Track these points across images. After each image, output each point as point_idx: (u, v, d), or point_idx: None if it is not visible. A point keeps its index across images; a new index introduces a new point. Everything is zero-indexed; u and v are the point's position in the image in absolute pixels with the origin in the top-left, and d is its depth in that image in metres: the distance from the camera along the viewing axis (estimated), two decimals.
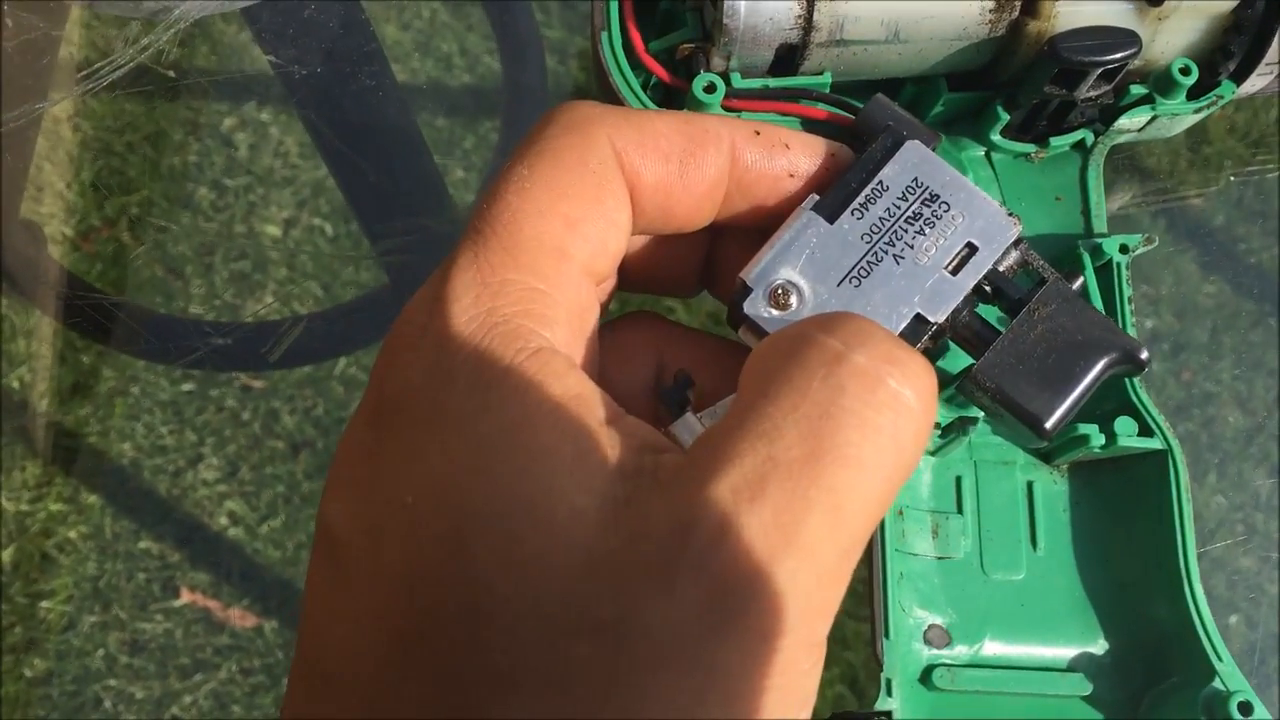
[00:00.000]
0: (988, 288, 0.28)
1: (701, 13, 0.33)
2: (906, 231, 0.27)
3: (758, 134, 0.28)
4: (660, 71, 0.33)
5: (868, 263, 0.27)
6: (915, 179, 0.28)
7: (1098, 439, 0.32)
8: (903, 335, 0.27)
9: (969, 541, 0.32)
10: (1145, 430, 0.32)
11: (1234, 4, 0.33)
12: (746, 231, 0.29)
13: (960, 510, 0.32)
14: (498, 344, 0.24)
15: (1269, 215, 0.46)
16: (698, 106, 0.32)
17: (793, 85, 0.33)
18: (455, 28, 0.51)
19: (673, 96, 0.33)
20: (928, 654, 0.31)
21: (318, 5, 0.42)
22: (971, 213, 0.28)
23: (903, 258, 0.27)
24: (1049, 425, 0.26)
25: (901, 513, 0.32)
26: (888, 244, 0.27)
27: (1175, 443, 0.32)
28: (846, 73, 0.34)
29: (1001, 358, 0.27)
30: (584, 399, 0.23)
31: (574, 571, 0.21)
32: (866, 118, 0.30)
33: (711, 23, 0.32)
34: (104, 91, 0.41)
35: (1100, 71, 0.32)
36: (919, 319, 0.27)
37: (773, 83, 0.33)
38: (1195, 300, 0.46)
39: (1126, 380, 0.32)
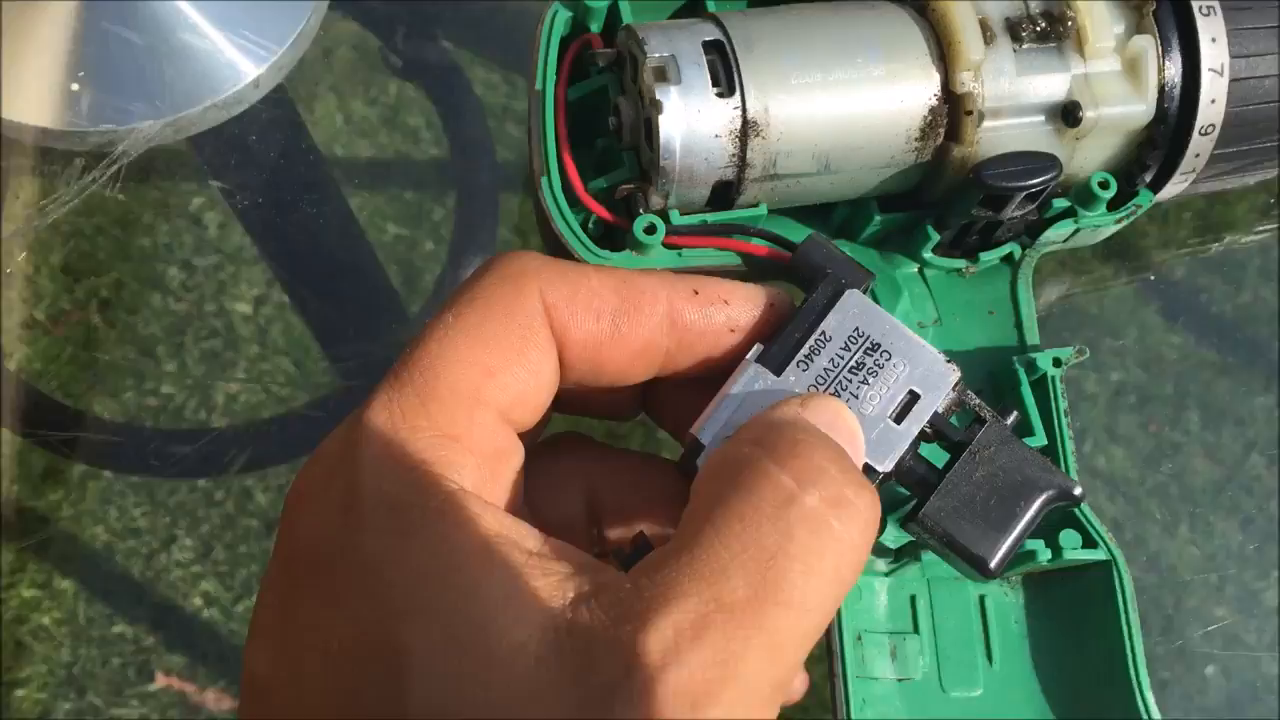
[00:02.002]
0: (928, 429, 0.29)
1: (638, 153, 0.33)
2: (851, 382, 0.28)
3: (696, 293, 0.28)
4: (601, 211, 0.33)
5: None
6: (857, 329, 0.29)
7: (1044, 554, 0.32)
8: None
9: (927, 660, 0.33)
10: (1089, 542, 0.33)
11: (1146, 121, 0.34)
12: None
13: (916, 629, 0.33)
14: (408, 492, 0.24)
15: (1229, 265, 0.48)
16: (639, 247, 0.32)
17: (730, 220, 0.33)
18: (421, 102, 0.51)
19: (614, 234, 0.34)
20: None
21: (259, 134, 0.42)
22: (912, 361, 0.28)
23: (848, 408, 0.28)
24: (993, 566, 0.27)
25: (860, 638, 0.32)
26: (833, 394, 0.28)
27: (1119, 553, 0.33)
28: (782, 202, 0.34)
29: (945, 501, 0.28)
30: (505, 536, 0.24)
31: (518, 705, 0.21)
32: (803, 258, 0.31)
33: (648, 163, 0.33)
34: (50, 227, 0.41)
35: (1024, 194, 0.33)
36: (867, 469, 0.28)
37: (711, 218, 0.33)
38: (1160, 352, 0.47)
39: None
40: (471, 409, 0.26)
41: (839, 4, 0.34)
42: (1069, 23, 0.34)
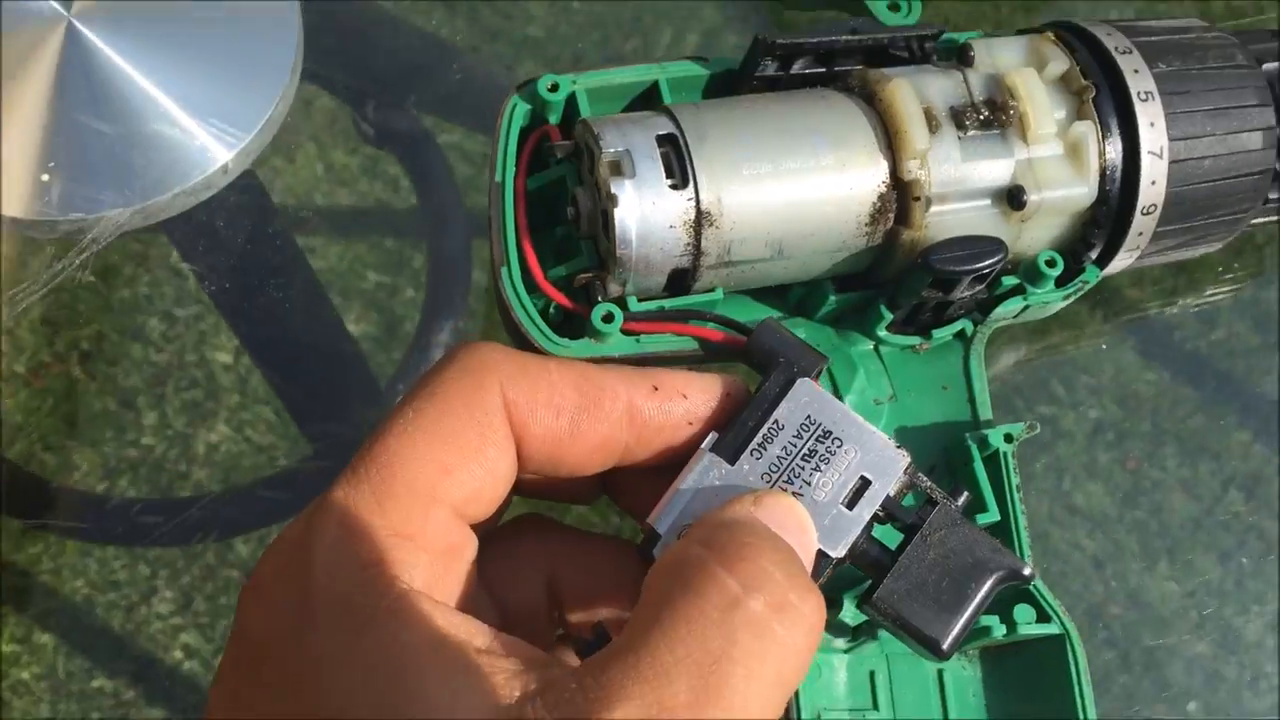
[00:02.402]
0: (880, 513, 0.29)
1: (595, 242, 0.34)
2: (804, 469, 0.29)
3: (656, 388, 0.29)
4: (560, 299, 0.34)
5: None
6: (808, 416, 0.29)
7: (999, 629, 0.33)
8: None
9: None
10: (1043, 616, 0.33)
11: (1089, 203, 0.35)
12: None
13: (876, 706, 0.33)
14: (360, 591, 0.25)
15: (1202, 303, 0.49)
16: (597, 335, 0.33)
17: (687, 305, 0.34)
18: (391, 162, 0.52)
19: (574, 319, 0.34)
20: None
21: (227, 220, 0.43)
22: (863, 447, 0.29)
23: (801, 495, 0.29)
24: (945, 647, 0.28)
25: (819, 717, 0.33)
26: (787, 482, 0.29)
27: (1071, 625, 0.33)
28: (737, 286, 0.35)
29: (898, 584, 0.29)
30: (454, 635, 0.24)
31: None
32: (757, 344, 0.32)
33: (605, 252, 0.33)
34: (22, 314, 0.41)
35: (971, 277, 0.34)
36: (820, 555, 0.28)
37: (668, 304, 0.34)
38: (1136, 389, 0.47)
39: None
40: (427, 507, 0.26)
41: (789, 94, 0.35)
42: (1011, 110, 0.35)
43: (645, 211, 0.32)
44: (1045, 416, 0.47)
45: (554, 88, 0.35)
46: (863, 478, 0.29)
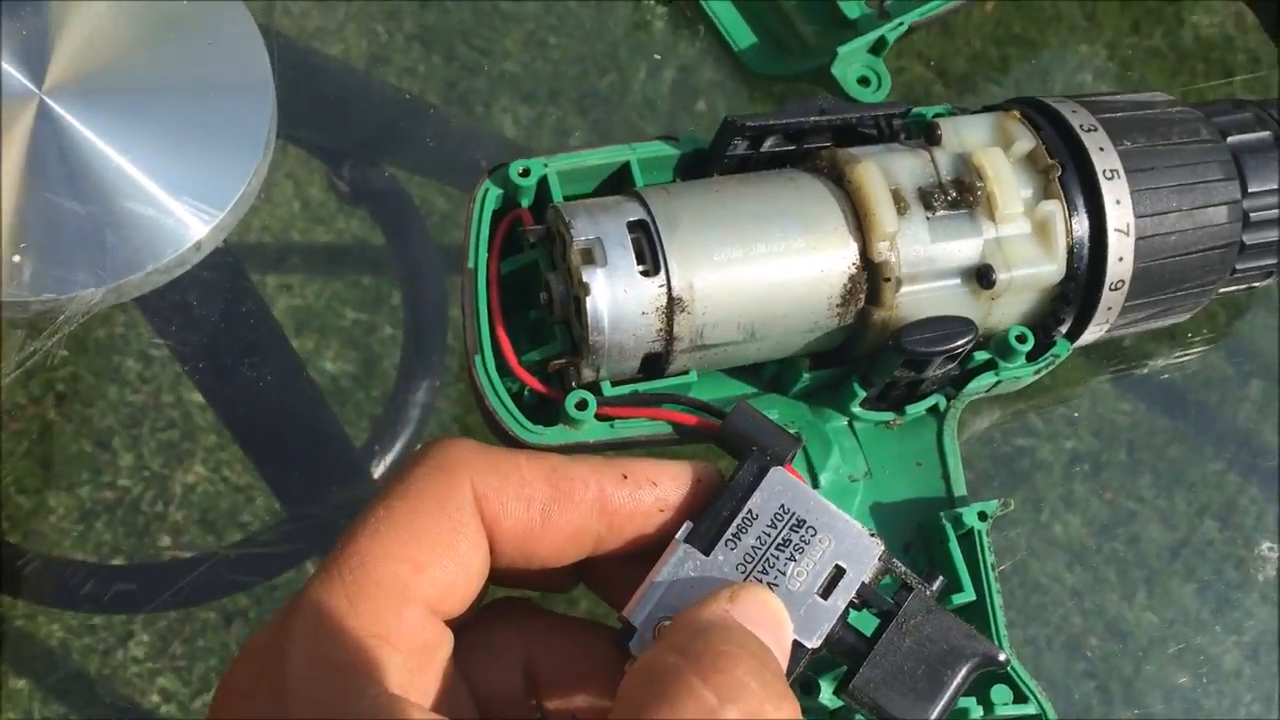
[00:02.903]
0: (856, 600, 0.29)
1: (569, 327, 0.34)
2: (778, 559, 0.29)
3: (625, 477, 0.29)
4: (534, 384, 0.34)
5: None
6: (782, 505, 0.30)
7: (976, 710, 0.33)
8: None
9: None
10: (1019, 697, 0.33)
11: (1058, 280, 0.36)
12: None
13: None
14: (333, 694, 0.25)
15: (1176, 333, 0.49)
16: (571, 422, 0.33)
17: (661, 389, 0.34)
18: (375, 207, 0.52)
19: (548, 404, 0.35)
20: None
21: (199, 296, 0.43)
22: (837, 536, 0.29)
23: (776, 585, 0.29)
24: None
25: None
26: (762, 572, 0.29)
27: (1048, 705, 0.33)
28: (711, 367, 0.35)
29: (874, 671, 0.29)
30: None
31: None
32: (731, 428, 0.32)
33: (579, 338, 0.34)
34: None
35: (942, 357, 0.34)
36: (796, 645, 0.28)
37: (642, 388, 0.34)
38: (1112, 420, 0.48)
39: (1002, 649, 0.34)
40: (400, 606, 0.26)
41: (759, 176, 0.36)
42: (979, 190, 0.35)
43: (617, 298, 0.33)
44: (1023, 449, 0.48)
45: (525, 172, 0.35)
46: (837, 566, 0.29)
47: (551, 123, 0.53)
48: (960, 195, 0.35)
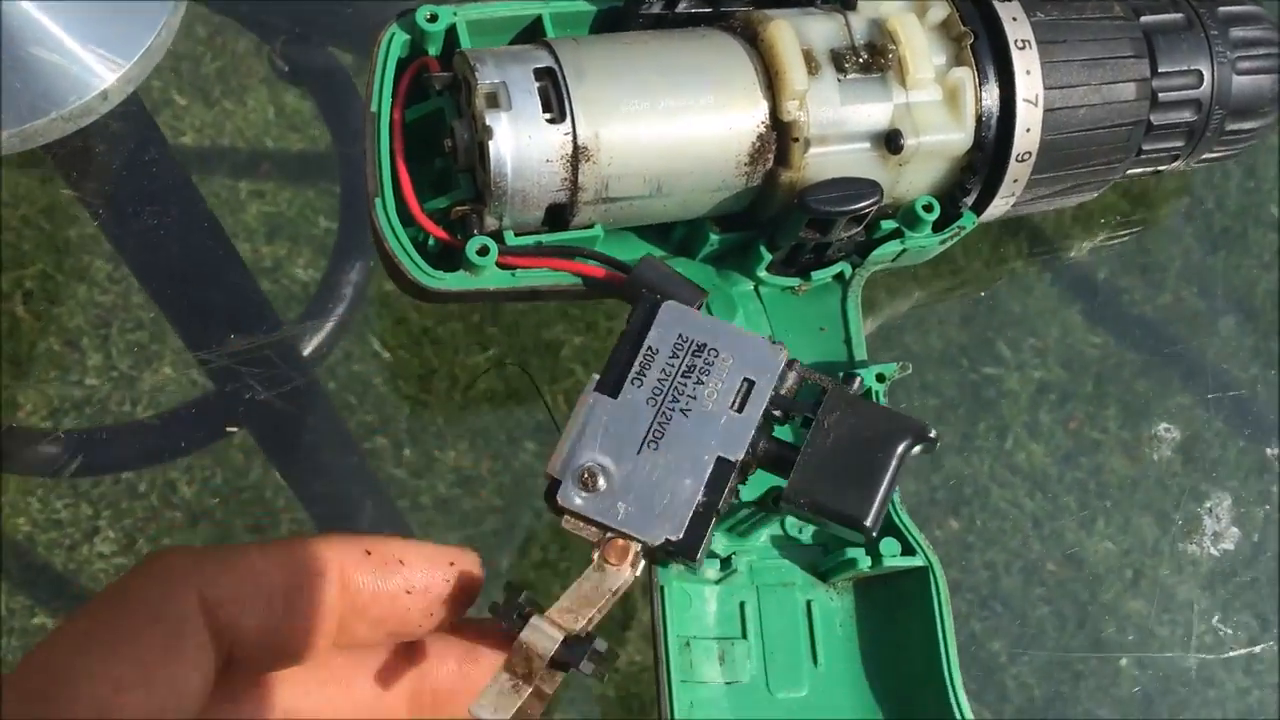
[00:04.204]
0: (777, 413, 0.30)
1: (473, 175, 0.34)
2: (686, 385, 0.29)
3: (369, 553, 0.27)
4: (436, 231, 0.34)
5: (659, 424, 0.29)
6: (680, 335, 0.30)
7: (864, 561, 0.34)
8: (710, 480, 0.29)
9: (754, 664, 0.34)
10: (907, 549, 0.34)
11: (966, 148, 0.36)
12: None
13: (745, 635, 0.34)
14: None
15: (1150, 268, 0.49)
16: (472, 268, 0.33)
17: (565, 241, 0.34)
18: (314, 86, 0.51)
19: (451, 255, 0.34)
20: None
21: (106, 146, 0.42)
22: (739, 351, 0.30)
23: (690, 410, 0.29)
24: (869, 523, 0.29)
25: (689, 644, 0.33)
26: (673, 401, 0.29)
27: (935, 559, 0.34)
28: (617, 223, 0.35)
29: (806, 474, 0.29)
30: None
31: None
32: (638, 278, 0.32)
33: (482, 185, 0.33)
34: None
35: (847, 218, 0.35)
36: (721, 461, 0.29)
37: (546, 239, 0.34)
38: (1081, 351, 0.48)
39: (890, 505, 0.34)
40: None
41: (672, 33, 0.35)
42: (891, 54, 0.35)
43: (521, 144, 0.32)
44: (990, 377, 0.48)
45: (433, 18, 0.34)
46: (745, 379, 0.29)
47: None
48: (872, 59, 0.35)
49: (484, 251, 0.33)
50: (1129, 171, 0.40)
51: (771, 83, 0.34)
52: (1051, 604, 0.46)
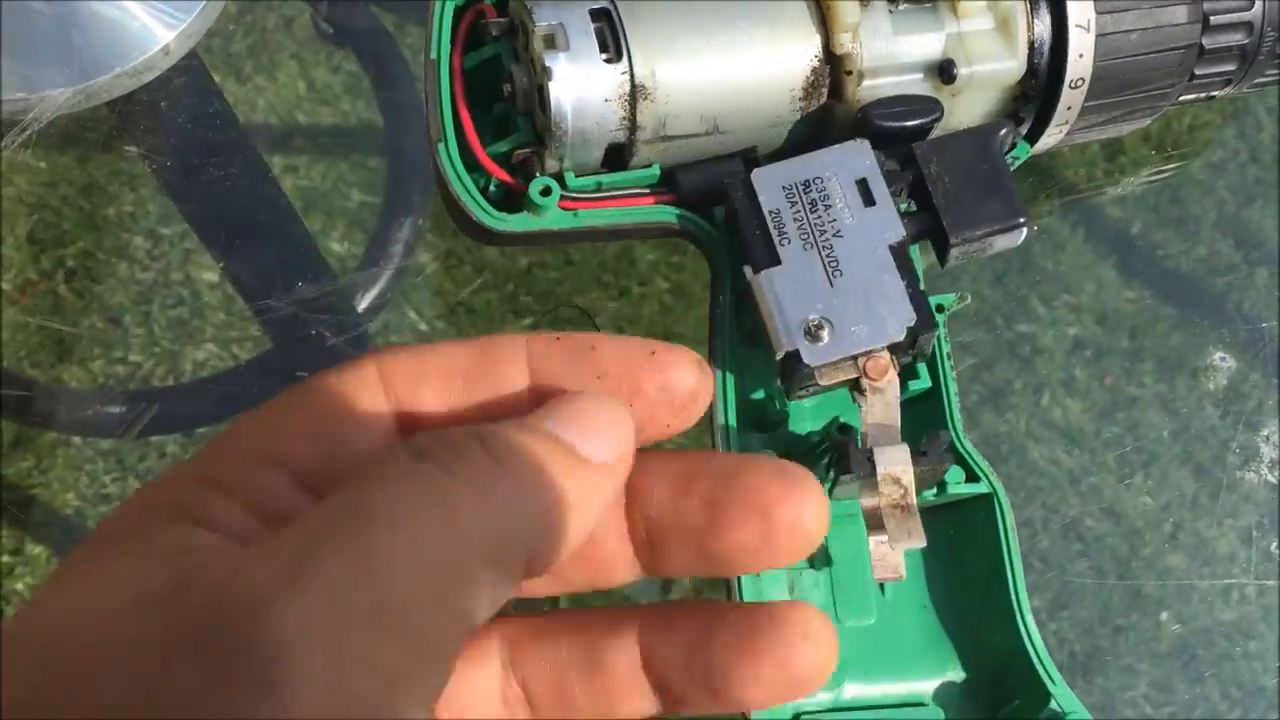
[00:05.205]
0: (893, 189, 0.33)
1: (533, 118, 0.34)
2: (820, 216, 0.32)
3: (558, 339, 0.24)
4: (501, 174, 0.34)
5: (827, 258, 0.32)
6: (783, 188, 0.32)
7: (930, 491, 0.34)
8: (899, 267, 0.32)
9: (822, 593, 0.34)
10: (971, 476, 0.34)
11: (1018, 76, 0.36)
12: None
13: (813, 565, 0.35)
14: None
15: (1185, 220, 0.49)
16: (535, 209, 0.34)
17: (624, 181, 0.35)
18: (360, 48, 0.52)
19: (514, 197, 0.35)
20: (792, 704, 0.33)
21: (169, 100, 0.43)
22: (834, 167, 0.33)
23: (840, 230, 0.32)
24: (1023, 219, 0.33)
25: (759, 575, 0.34)
26: (821, 234, 0.32)
27: (999, 485, 0.34)
28: (674, 160, 0.36)
29: (952, 214, 0.33)
30: None
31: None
32: (688, 187, 0.35)
33: (542, 128, 0.34)
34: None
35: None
36: (892, 249, 0.32)
37: (605, 180, 0.35)
38: (1117, 306, 0.48)
39: (952, 432, 0.35)
40: (252, 464, 0.22)
41: None
42: None
43: (579, 85, 0.33)
44: (1025, 334, 0.48)
45: None
46: (856, 181, 0.32)
47: None
48: None
49: (547, 192, 0.33)
50: (1182, 98, 0.40)
51: (824, 16, 0.34)
52: (1090, 559, 0.46)
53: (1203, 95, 0.41)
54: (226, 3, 0.42)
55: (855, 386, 0.32)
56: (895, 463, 0.30)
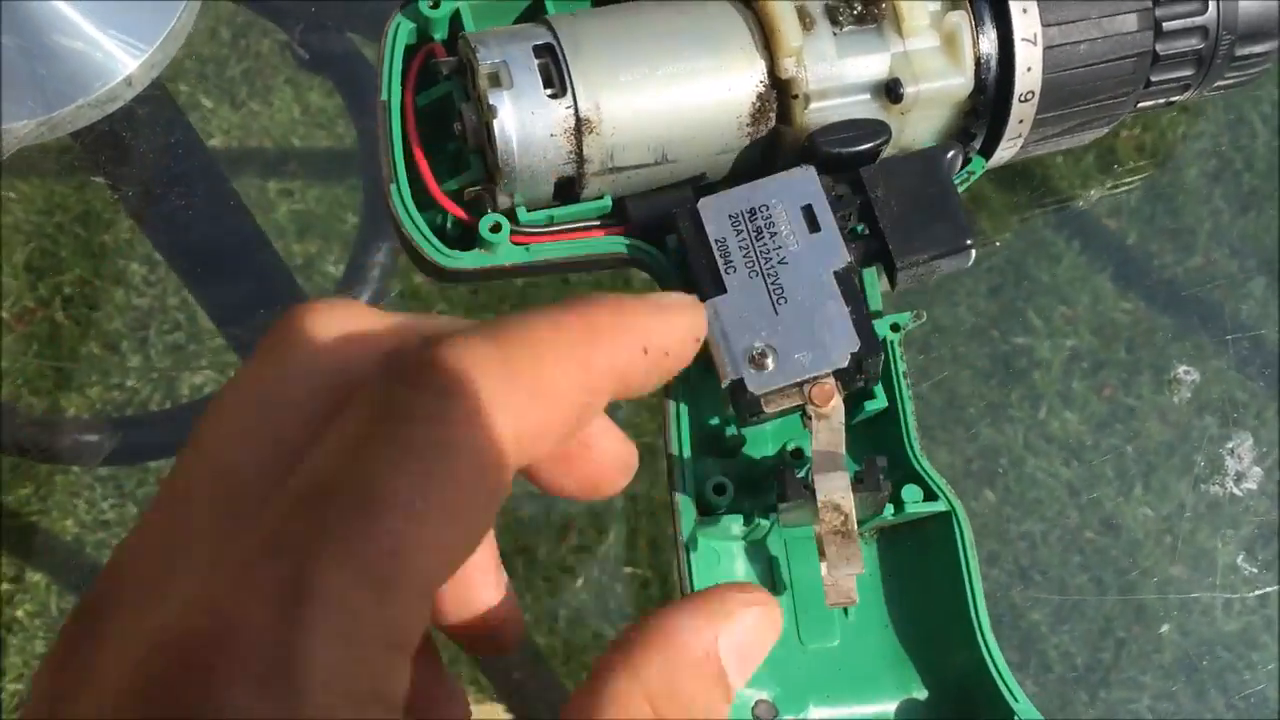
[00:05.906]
0: (838, 215, 0.33)
1: (484, 155, 0.35)
2: (765, 244, 0.32)
3: (645, 351, 0.24)
4: (456, 210, 0.35)
5: (773, 286, 0.32)
6: (728, 215, 0.33)
7: (888, 509, 0.34)
8: (844, 293, 0.32)
9: (786, 616, 0.35)
10: (930, 495, 0.35)
11: (967, 93, 0.36)
12: None
13: (775, 589, 0.35)
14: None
15: (1180, 230, 0.49)
16: (486, 246, 0.34)
17: (576, 214, 0.35)
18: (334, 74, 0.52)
19: (470, 235, 0.35)
20: None
21: (131, 131, 0.44)
22: (779, 194, 0.33)
23: (784, 258, 0.32)
24: (970, 240, 0.34)
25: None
26: (766, 261, 0.32)
27: (958, 503, 0.35)
28: (626, 190, 0.36)
29: (898, 239, 0.33)
30: None
31: None
32: (637, 216, 0.35)
33: (491, 164, 0.34)
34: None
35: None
36: (837, 275, 0.32)
37: (556, 213, 0.35)
38: (1113, 318, 0.48)
39: (909, 451, 0.35)
40: (426, 607, 0.20)
41: (666, 0, 0.36)
42: (884, 4, 0.35)
43: (525, 121, 0.33)
44: (1021, 347, 0.48)
45: (436, 4, 0.35)
46: (802, 208, 0.33)
47: None
48: (866, 9, 0.35)
49: (496, 229, 0.34)
50: (1140, 105, 0.40)
51: (767, 41, 0.35)
52: (1090, 571, 0.46)
53: (1161, 101, 0.41)
54: (191, 32, 0.43)
55: (803, 413, 0.32)
56: (835, 490, 0.31)
